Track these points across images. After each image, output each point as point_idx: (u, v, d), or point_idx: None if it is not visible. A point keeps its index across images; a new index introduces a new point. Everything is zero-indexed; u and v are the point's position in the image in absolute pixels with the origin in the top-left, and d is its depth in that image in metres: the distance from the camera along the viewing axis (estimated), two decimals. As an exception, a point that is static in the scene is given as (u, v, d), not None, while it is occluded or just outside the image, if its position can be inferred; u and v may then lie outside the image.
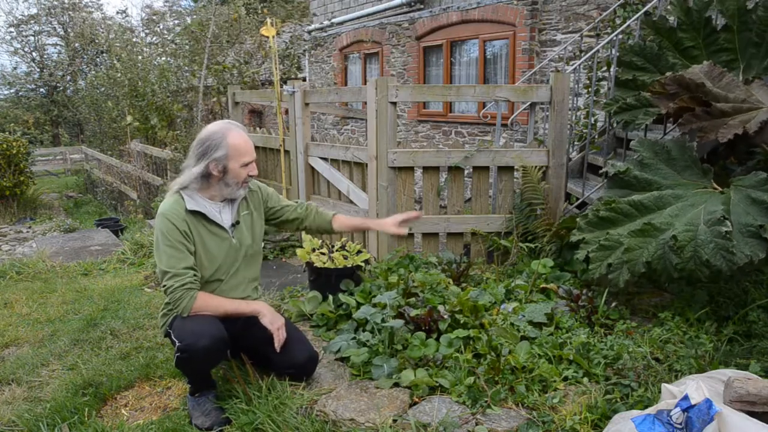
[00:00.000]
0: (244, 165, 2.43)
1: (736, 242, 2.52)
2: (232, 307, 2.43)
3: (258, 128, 6.06)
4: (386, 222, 2.76)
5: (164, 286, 2.34)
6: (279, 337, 2.43)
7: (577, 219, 3.21)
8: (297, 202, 2.85)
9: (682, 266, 2.63)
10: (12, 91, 23.14)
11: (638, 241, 2.80)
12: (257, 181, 2.75)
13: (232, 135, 2.41)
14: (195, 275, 2.37)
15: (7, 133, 11.61)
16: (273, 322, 2.44)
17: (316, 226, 2.84)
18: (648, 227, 2.80)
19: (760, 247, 2.49)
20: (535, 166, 3.91)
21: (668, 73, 3.14)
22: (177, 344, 2.28)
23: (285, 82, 5.10)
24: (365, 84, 5.50)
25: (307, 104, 4.84)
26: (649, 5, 4.38)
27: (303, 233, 4.11)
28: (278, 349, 2.43)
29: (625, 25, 4.50)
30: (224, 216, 2.51)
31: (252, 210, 2.64)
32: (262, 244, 2.78)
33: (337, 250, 3.63)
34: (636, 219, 2.93)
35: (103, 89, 12.85)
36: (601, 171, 4.20)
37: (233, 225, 2.53)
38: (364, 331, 2.83)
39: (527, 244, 3.81)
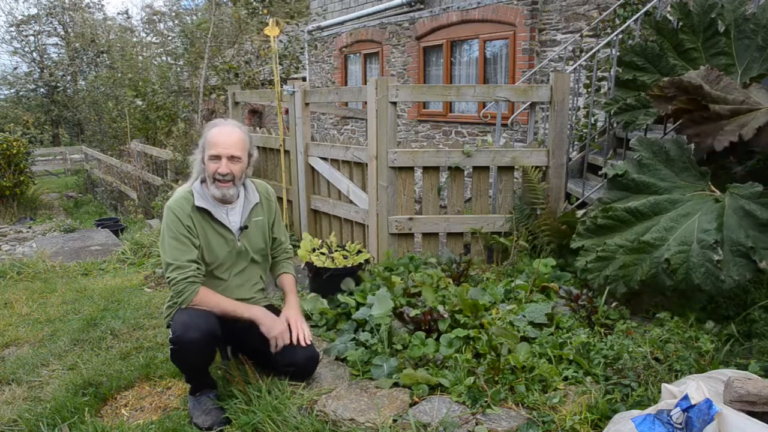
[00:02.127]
0: (210, 158, 2.40)
1: (726, 263, 2.61)
2: (231, 307, 2.42)
3: (258, 128, 6.06)
4: (291, 319, 2.54)
5: (167, 277, 2.35)
6: (277, 343, 2.43)
7: (577, 225, 3.23)
8: (284, 241, 2.80)
9: (675, 287, 2.75)
10: (12, 91, 23.14)
11: (633, 258, 2.88)
12: (274, 193, 2.78)
13: (213, 129, 2.44)
14: (198, 268, 2.38)
15: (7, 132, 11.59)
16: (269, 331, 2.42)
17: (273, 273, 2.85)
18: (642, 245, 2.85)
19: (747, 268, 2.59)
20: (535, 166, 3.91)
21: (665, 78, 3.16)
22: (170, 337, 2.32)
23: (285, 82, 5.10)
24: (365, 84, 5.49)
25: (307, 104, 4.84)
26: (649, 5, 4.38)
27: (305, 234, 4.10)
28: (274, 350, 2.44)
29: (625, 25, 4.50)
30: (232, 218, 2.52)
31: (266, 216, 2.65)
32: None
33: (336, 250, 3.64)
34: (633, 226, 2.98)
35: (103, 89, 12.85)
36: (600, 172, 4.21)
37: (241, 229, 2.53)
38: (363, 330, 2.83)
39: (527, 243, 3.81)
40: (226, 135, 2.41)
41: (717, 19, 3.33)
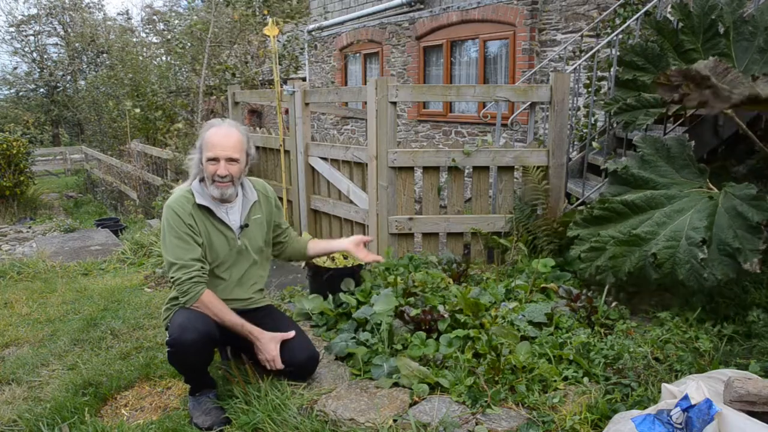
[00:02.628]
0: (208, 160, 2.39)
1: (711, 261, 2.65)
2: (230, 320, 2.40)
3: (258, 128, 6.06)
4: (344, 242, 2.83)
5: (172, 277, 2.34)
6: (270, 366, 2.45)
7: (575, 214, 3.25)
8: (287, 226, 2.83)
9: (660, 281, 2.80)
10: (12, 91, 23.14)
11: (623, 249, 2.92)
12: (272, 189, 2.77)
13: (211, 129, 2.43)
14: (202, 267, 2.37)
15: (7, 132, 11.60)
16: (260, 353, 2.43)
17: (293, 253, 2.86)
18: (634, 238, 2.89)
19: (731, 268, 2.63)
20: (536, 166, 3.91)
21: (673, 66, 3.16)
22: (166, 339, 2.31)
23: (285, 82, 5.10)
24: (365, 84, 5.49)
25: (307, 104, 4.84)
26: (649, 5, 4.38)
27: (304, 233, 4.10)
28: (269, 367, 2.45)
29: (625, 25, 4.50)
30: (231, 216, 2.51)
31: (264, 213, 2.64)
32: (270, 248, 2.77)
33: (337, 250, 3.63)
34: (628, 218, 3.02)
35: (103, 89, 12.85)
36: (602, 167, 4.22)
37: (242, 227, 2.53)
38: (363, 330, 2.83)
39: (527, 245, 3.81)
40: (223, 137, 2.40)
41: (717, 20, 3.34)
